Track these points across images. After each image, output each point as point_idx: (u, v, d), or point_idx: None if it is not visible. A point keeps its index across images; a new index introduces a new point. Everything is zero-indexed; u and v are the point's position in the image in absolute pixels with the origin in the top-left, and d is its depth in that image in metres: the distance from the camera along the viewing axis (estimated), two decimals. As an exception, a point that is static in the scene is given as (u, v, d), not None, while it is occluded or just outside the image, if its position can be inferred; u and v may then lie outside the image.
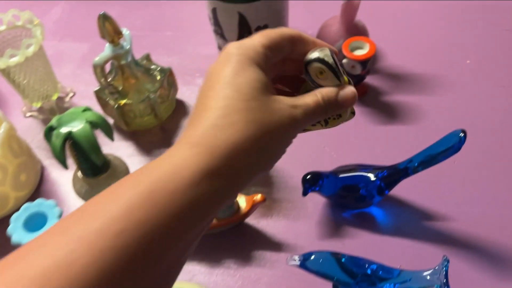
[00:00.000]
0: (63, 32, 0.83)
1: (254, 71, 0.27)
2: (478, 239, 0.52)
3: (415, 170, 0.48)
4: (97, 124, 0.52)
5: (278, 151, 0.28)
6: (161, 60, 0.76)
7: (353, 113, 0.33)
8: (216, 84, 0.26)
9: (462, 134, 0.44)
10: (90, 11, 0.85)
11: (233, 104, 0.25)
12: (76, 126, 0.50)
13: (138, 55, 0.67)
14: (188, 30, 0.81)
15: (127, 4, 0.87)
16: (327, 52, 0.29)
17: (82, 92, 0.72)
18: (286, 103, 0.27)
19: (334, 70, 0.29)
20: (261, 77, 0.27)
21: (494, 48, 0.73)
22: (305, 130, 0.31)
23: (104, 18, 0.55)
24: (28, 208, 0.48)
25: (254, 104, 0.25)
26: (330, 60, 0.28)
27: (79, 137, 0.50)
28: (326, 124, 0.32)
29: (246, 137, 0.25)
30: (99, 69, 0.56)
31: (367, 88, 0.68)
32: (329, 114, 0.30)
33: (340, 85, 0.29)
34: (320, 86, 0.30)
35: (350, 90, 0.29)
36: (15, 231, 0.47)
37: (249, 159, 0.25)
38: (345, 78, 0.30)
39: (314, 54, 0.29)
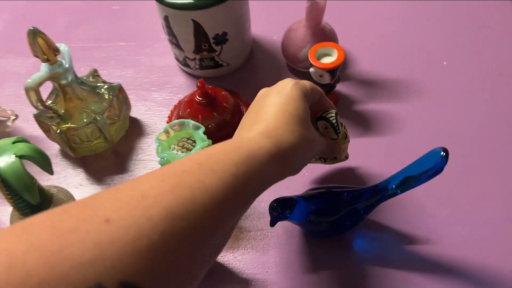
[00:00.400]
0: (5, 48, 0.75)
1: (306, 103, 0.38)
2: (463, 261, 0.47)
3: (393, 194, 0.43)
4: (30, 157, 0.45)
5: (307, 160, 0.38)
6: (113, 74, 0.69)
7: (346, 157, 0.46)
8: (277, 100, 0.37)
9: (443, 153, 0.38)
10: (34, 24, 0.76)
11: (293, 119, 0.35)
12: (4, 161, 0.43)
13: (87, 69, 0.60)
14: (142, 40, 0.74)
15: (77, 14, 0.80)
16: (333, 114, 0.41)
17: (26, 114, 0.65)
18: (316, 133, 0.39)
19: (334, 128, 0.41)
20: (308, 109, 0.38)
21: (471, 47, 0.68)
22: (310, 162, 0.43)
23: (35, 34, 0.48)
24: None
25: (305, 124, 0.36)
26: (333, 121, 0.41)
27: (7, 175, 0.43)
28: (325, 161, 0.44)
29: (298, 143, 0.35)
30: (32, 92, 0.49)
31: (338, 96, 0.63)
32: (326, 156, 0.44)
33: (337, 139, 0.43)
34: (324, 135, 0.43)
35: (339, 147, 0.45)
36: None
37: (295, 159, 0.35)
38: (344, 133, 0.45)
39: (324, 114, 0.41)
